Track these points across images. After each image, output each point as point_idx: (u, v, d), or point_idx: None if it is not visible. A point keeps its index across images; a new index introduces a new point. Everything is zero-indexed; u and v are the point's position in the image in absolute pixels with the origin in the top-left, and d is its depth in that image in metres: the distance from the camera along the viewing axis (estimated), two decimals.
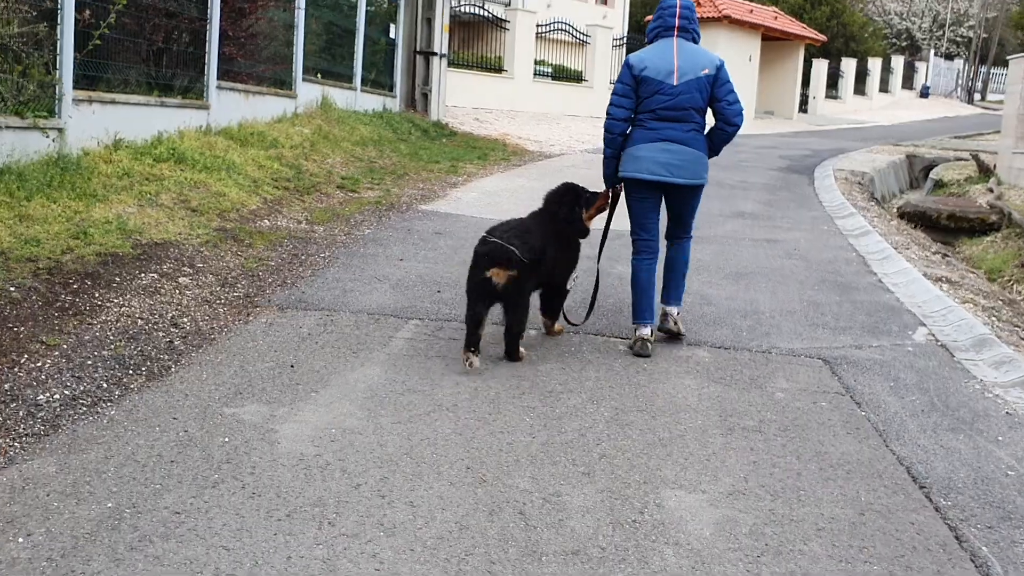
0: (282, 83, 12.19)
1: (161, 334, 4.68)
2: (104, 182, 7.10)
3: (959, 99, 46.12)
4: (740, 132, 5.09)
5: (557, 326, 5.15)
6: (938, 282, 7.04)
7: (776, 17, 31.26)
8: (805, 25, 33.46)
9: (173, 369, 4.21)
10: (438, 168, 12.69)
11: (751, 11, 29.86)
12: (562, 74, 23.93)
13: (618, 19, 38.04)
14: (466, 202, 9.97)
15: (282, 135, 10.92)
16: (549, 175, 13.22)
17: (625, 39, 26.73)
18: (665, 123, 4.78)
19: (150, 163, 7.93)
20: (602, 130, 5.06)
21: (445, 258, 6.91)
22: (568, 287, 5.19)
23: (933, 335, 5.54)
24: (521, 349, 4.65)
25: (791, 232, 9.34)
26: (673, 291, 5.14)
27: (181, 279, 5.67)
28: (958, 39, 49.81)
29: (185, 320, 4.94)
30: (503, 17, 21.31)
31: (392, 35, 17.00)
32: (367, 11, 16.04)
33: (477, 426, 3.69)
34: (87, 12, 7.43)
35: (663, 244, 5.25)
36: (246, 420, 3.63)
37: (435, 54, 17.78)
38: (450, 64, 20.24)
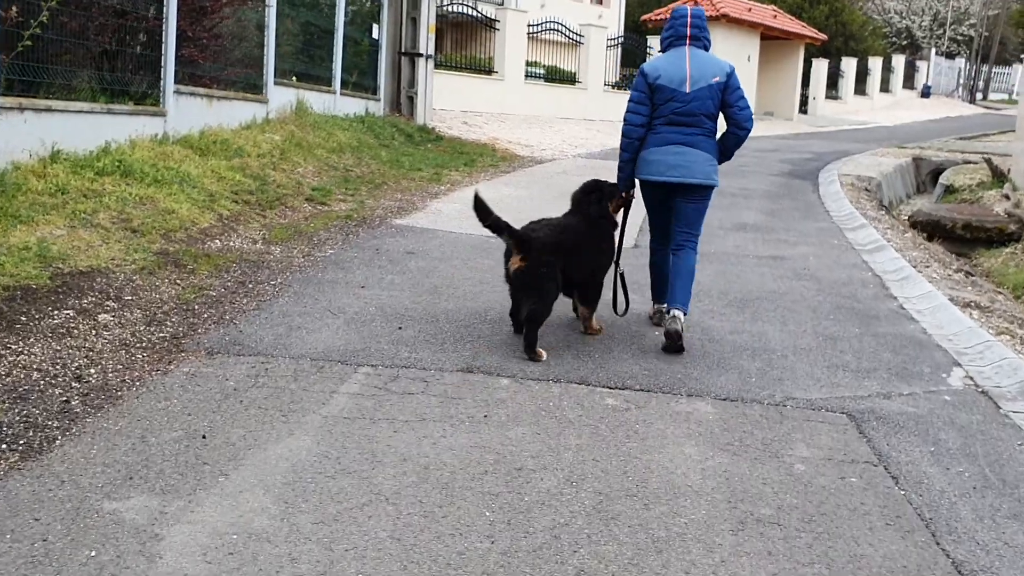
0: (252, 87, 11.41)
1: (58, 391, 3.90)
2: (32, 200, 6.32)
3: (961, 99, 45.40)
4: None
5: (595, 323, 5.26)
6: (967, 308, 6.27)
7: (775, 15, 30.52)
8: (804, 24, 32.71)
9: (59, 442, 3.43)
10: (420, 176, 11.92)
11: (749, 9, 29.12)
12: (555, 75, 23.18)
13: (614, 19, 37.34)
14: (446, 215, 9.19)
15: (249, 143, 10.14)
16: (539, 183, 12.45)
17: (621, 39, 25.97)
18: (677, 128, 5.02)
19: (91, 177, 7.15)
20: (595, 133, 5.64)
21: (413, 284, 6.13)
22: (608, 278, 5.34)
23: (971, 378, 4.77)
24: (540, 350, 4.69)
25: (798, 247, 8.57)
26: (679, 294, 5.13)
27: (102, 316, 4.89)
28: (959, 37, 49.10)
29: (92, 371, 4.16)
30: (493, 17, 20.53)
31: (375, 35, 16.23)
32: (348, 10, 15.28)
33: (421, 526, 2.91)
34: (13, 9, 6.65)
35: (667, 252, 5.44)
36: (127, 521, 2.86)
37: (420, 55, 17.01)
38: (438, 66, 19.48)
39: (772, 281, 6.95)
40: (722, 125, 5.18)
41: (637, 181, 5.32)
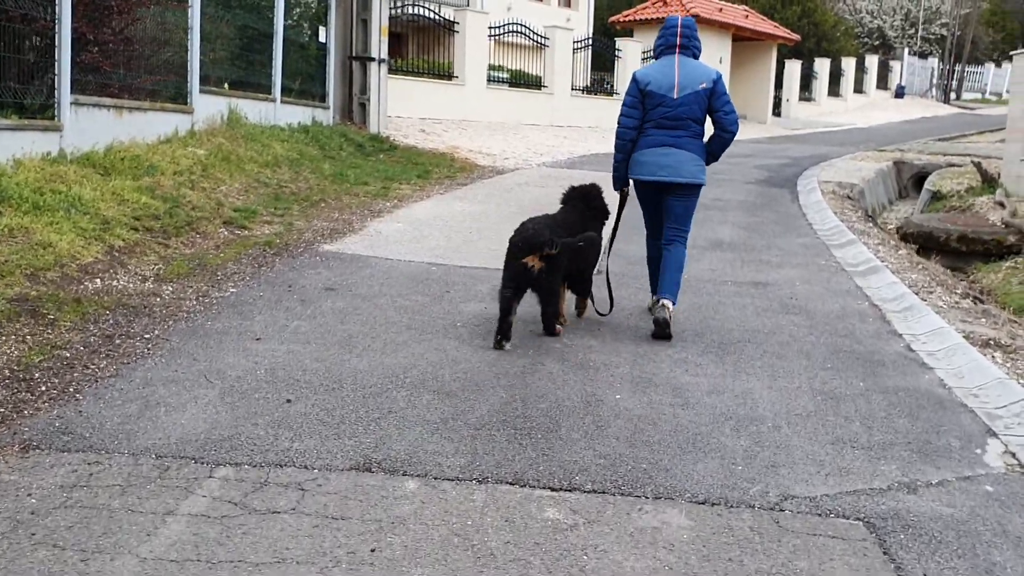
0: (174, 96, 10.28)
1: None
2: None
3: (935, 99, 44.88)
4: None
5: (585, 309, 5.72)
6: (986, 348, 5.28)
7: (747, 16, 29.71)
8: (777, 24, 31.94)
9: None
10: (365, 191, 10.83)
11: (720, 9, 28.28)
12: (520, 80, 22.15)
13: (582, 21, 36.42)
14: (385, 237, 8.11)
15: (166, 159, 9.00)
16: (497, 196, 11.41)
17: (589, 41, 24.98)
18: (666, 131, 5.35)
19: None
20: (563, 140, 6.10)
21: (322, 333, 5.04)
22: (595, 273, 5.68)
23: (1013, 455, 3.76)
24: (558, 326, 5.23)
25: (782, 270, 7.57)
26: (668, 286, 5.41)
27: None
28: (930, 37, 48.63)
29: None
30: (452, 19, 19.45)
31: (322, 39, 15.12)
32: (289, 12, 14.17)
33: None
34: None
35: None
36: None
37: (372, 59, 15.91)
38: (394, 70, 18.41)
39: (755, 316, 5.93)
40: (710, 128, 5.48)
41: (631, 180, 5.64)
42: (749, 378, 4.61)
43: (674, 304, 5.35)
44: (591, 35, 26.69)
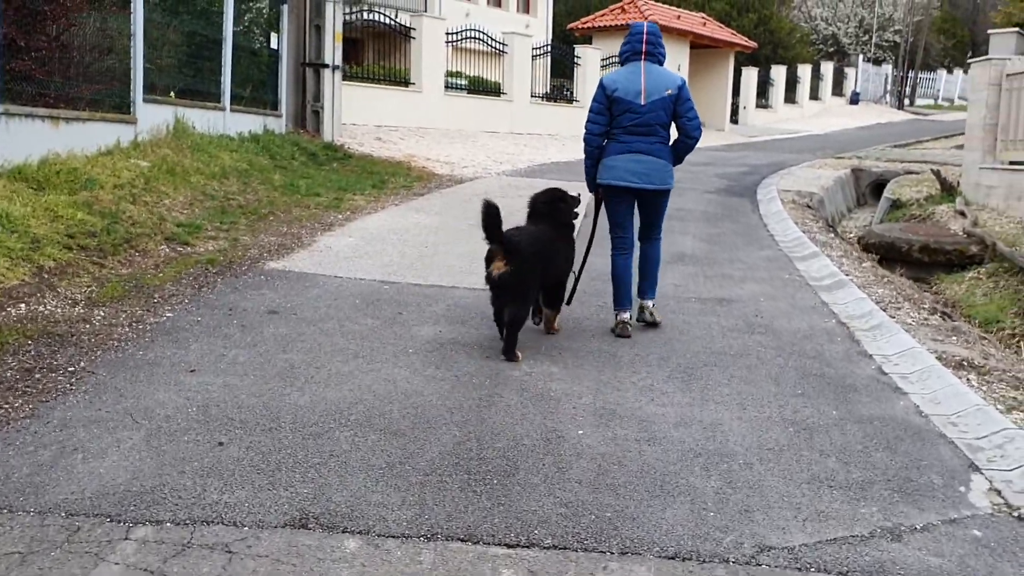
0: (117, 105, 9.84)
1: None
2: None
3: (889, 105, 45.40)
4: None
5: (556, 324, 5.64)
6: (960, 370, 5.09)
7: (704, 23, 29.75)
8: (734, 32, 32.04)
9: None
10: (317, 203, 10.47)
11: (678, 17, 28.28)
12: (479, 87, 21.85)
13: (541, 27, 36.27)
14: (335, 253, 7.77)
15: (106, 171, 8.58)
16: (455, 207, 11.11)
17: (548, 48, 24.77)
18: (634, 137, 5.45)
19: None
20: (523, 147, 6.24)
21: (262, 363, 4.70)
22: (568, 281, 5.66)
23: (998, 493, 3.54)
24: (517, 352, 4.96)
25: (746, 285, 7.36)
26: (648, 287, 5.80)
27: None
28: (884, 44, 49.24)
29: None
30: (408, 25, 19.10)
31: (274, 45, 14.71)
32: (240, 17, 13.76)
33: None
34: None
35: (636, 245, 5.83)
36: None
37: (326, 66, 15.53)
38: (350, 77, 18.05)
39: (721, 336, 5.69)
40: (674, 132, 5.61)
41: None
42: (718, 407, 4.35)
43: (654, 300, 5.87)
44: (550, 42, 26.49)
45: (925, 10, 47.54)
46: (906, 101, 45.71)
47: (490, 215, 4.78)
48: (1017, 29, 15.93)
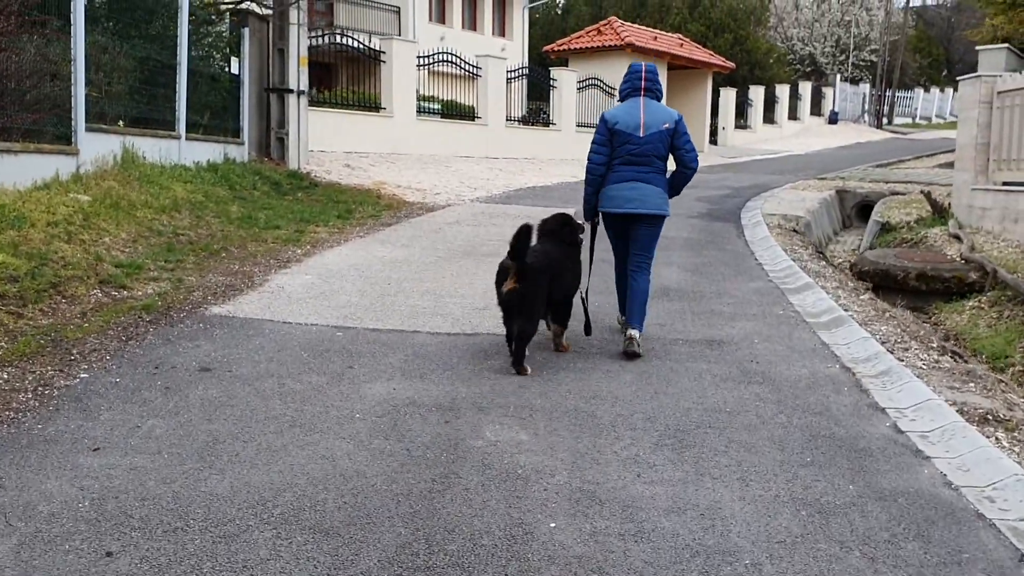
0: (57, 136, 9.16)
1: None
2: None
3: (868, 124, 45.27)
4: None
5: (565, 342, 5.84)
6: (984, 425, 4.47)
7: (682, 44, 29.40)
8: (712, 52, 31.72)
9: None
10: (275, 236, 9.79)
11: (655, 38, 27.90)
12: (453, 111, 21.27)
13: (517, 50, 35.86)
14: (287, 294, 7.09)
15: (40, 207, 7.89)
16: (424, 237, 10.46)
17: (523, 71, 24.24)
18: (633, 167, 5.79)
19: None
20: (498, 172, 8.11)
21: (183, 436, 4.00)
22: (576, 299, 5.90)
23: None
24: (526, 365, 5.20)
25: (737, 323, 6.74)
26: (635, 318, 5.86)
27: None
28: (861, 63, 49.22)
29: None
30: (378, 48, 18.50)
31: (235, 70, 14.07)
32: (198, 41, 13.14)
33: None
34: None
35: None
36: None
37: (290, 91, 14.92)
38: (318, 102, 17.43)
39: (714, 388, 5.05)
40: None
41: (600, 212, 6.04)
42: (715, 484, 3.70)
43: (642, 331, 5.87)
44: (525, 64, 25.97)
45: (901, 29, 47.57)
46: (884, 120, 45.57)
47: (523, 236, 5.15)
48: (1007, 45, 15.55)
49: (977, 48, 16.55)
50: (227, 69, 13.99)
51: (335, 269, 8.27)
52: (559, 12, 45.86)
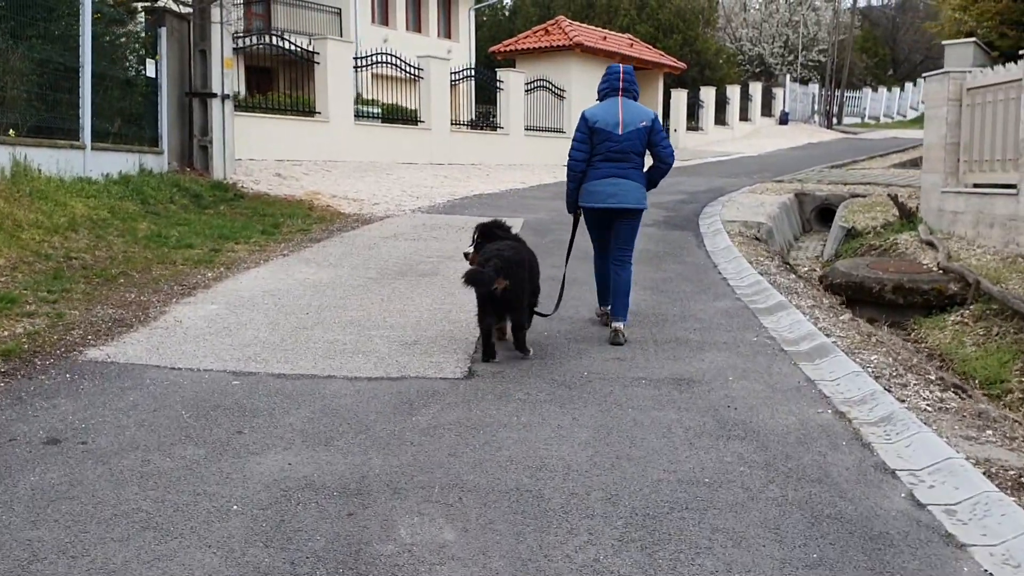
0: None
1: None
2: None
3: (818, 124, 45.08)
4: None
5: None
6: (1019, 491, 3.63)
7: (632, 44, 28.71)
8: (662, 52, 31.08)
9: None
10: (187, 257, 8.73)
11: (604, 38, 27.16)
12: (396, 115, 20.23)
13: (464, 52, 34.91)
14: (184, 330, 6.06)
15: None
16: (355, 255, 9.46)
17: (469, 72, 23.29)
18: (612, 163, 6.14)
19: None
20: (442, 179, 10.60)
21: None
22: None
23: None
24: (528, 347, 5.68)
25: (707, 354, 5.86)
26: (619, 310, 6.25)
27: None
28: (810, 63, 49.11)
29: None
30: (311, 49, 17.39)
31: (152, 73, 12.91)
32: (111, 43, 11.99)
33: None
34: None
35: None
36: None
37: (214, 95, 13.78)
38: (247, 107, 16.34)
39: (688, 450, 4.14)
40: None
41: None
42: None
43: (625, 322, 6.23)
44: (471, 66, 24.96)
45: (848, 29, 47.54)
46: (834, 120, 45.45)
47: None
48: (974, 39, 14.98)
49: (943, 43, 15.96)
50: (143, 72, 12.84)
51: (247, 296, 7.24)
52: (506, 14, 45.01)
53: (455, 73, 21.43)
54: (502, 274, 5.32)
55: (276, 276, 8.16)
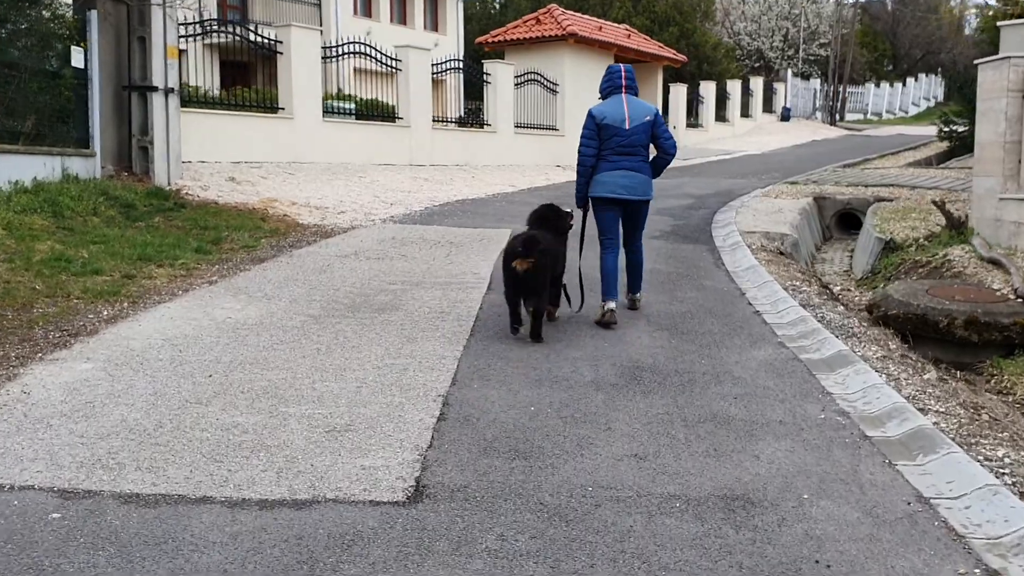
0: None
1: None
2: None
3: (821, 120, 43.40)
4: None
5: (556, 313, 6.52)
6: None
7: (629, 35, 26.95)
8: (662, 44, 29.34)
9: None
10: (88, 286, 6.99)
11: (600, 28, 25.38)
12: (372, 111, 18.44)
13: (452, 45, 33.18)
14: (28, 408, 4.31)
15: None
16: (298, 282, 7.64)
17: (455, 64, 21.47)
18: (621, 157, 6.49)
19: None
20: (422, 183, 10.95)
21: None
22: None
23: None
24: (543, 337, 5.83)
25: (759, 444, 4.12)
26: (635, 284, 6.98)
27: None
28: (811, 57, 47.42)
29: None
30: (273, 38, 15.56)
31: (79, 63, 11.12)
32: (23, 29, 10.20)
33: None
34: None
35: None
36: None
37: (155, 89, 11.99)
38: (198, 102, 14.51)
39: None
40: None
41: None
42: None
43: (640, 294, 7.02)
44: (456, 56, 23.13)
45: (849, 23, 45.88)
46: (837, 116, 43.77)
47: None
48: None
49: (998, 24, 14.22)
50: (67, 62, 11.05)
51: (139, 348, 5.48)
52: (497, 6, 43.26)
53: (437, 65, 19.61)
54: (526, 254, 5.68)
55: (189, 315, 6.39)
